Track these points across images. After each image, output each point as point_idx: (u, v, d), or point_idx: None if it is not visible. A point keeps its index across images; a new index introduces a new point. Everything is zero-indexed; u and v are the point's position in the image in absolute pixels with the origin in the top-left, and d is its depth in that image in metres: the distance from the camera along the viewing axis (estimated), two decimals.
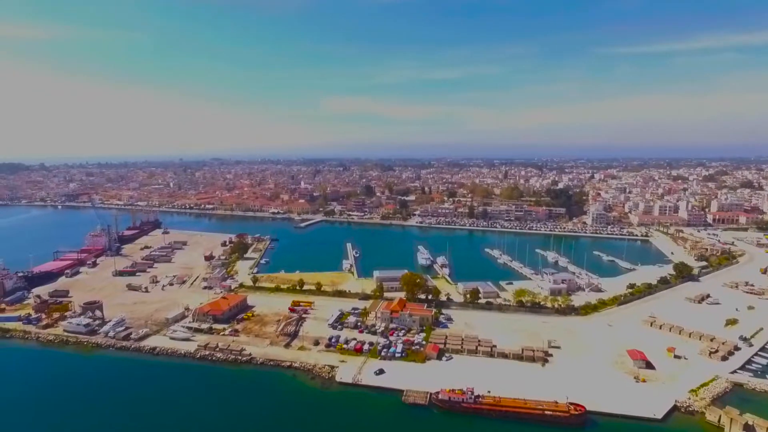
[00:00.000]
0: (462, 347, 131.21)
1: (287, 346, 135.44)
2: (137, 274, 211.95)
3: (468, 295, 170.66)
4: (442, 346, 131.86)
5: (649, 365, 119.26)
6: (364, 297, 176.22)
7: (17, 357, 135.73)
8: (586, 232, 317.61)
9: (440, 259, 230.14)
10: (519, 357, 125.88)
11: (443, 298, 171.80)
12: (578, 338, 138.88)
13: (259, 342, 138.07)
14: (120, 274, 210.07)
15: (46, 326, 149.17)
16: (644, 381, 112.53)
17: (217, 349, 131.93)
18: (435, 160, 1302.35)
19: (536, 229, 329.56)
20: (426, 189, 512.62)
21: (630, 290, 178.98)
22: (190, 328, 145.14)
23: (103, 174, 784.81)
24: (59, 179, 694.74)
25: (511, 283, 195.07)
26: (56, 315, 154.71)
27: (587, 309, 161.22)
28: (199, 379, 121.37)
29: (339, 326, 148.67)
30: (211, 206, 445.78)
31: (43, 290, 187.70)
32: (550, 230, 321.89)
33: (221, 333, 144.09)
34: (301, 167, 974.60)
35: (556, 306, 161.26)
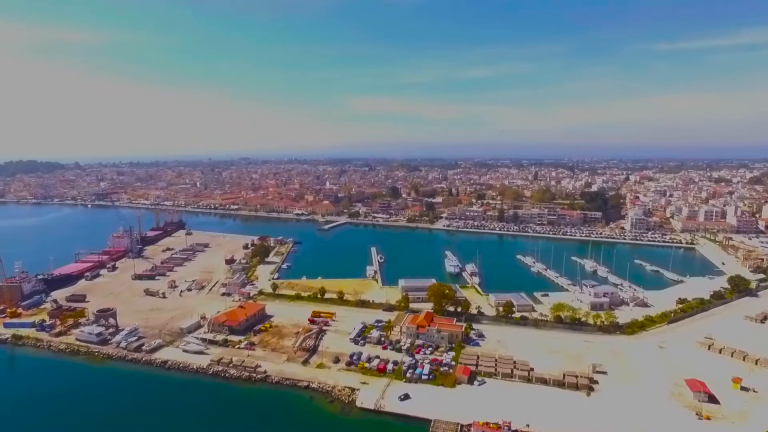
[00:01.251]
0: (496, 370, 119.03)
1: (305, 363, 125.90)
2: (157, 277, 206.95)
3: (501, 309, 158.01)
4: (473, 368, 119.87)
5: (713, 399, 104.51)
6: (389, 308, 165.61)
7: (26, 366, 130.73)
8: (624, 239, 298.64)
9: (469, 267, 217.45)
10: (560, 383, 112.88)
11: (473, 310, 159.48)
12: (626, 362, 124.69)
13: (275, 357, 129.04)
14: (139, 277, 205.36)
15: (59, 334, 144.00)
16: (708, 418, 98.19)
17: (231, 364, 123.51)
18: (462, 160, 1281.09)
19: (571, 235, 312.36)
20: (453, 190, 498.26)
21: (680, 306, 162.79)
22: (204, 340, 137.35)
23: (134, 173, 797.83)
24: (91, 178, 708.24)
25: (547, 295, 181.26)
26: (70, 322, 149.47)
27: (634, 327, 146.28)
28: (209, 397, 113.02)
29: (361, 341, 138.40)
30: (235, 207, 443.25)
31: (61, 294, 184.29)
32: (586, 236, 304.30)
33: (237, 346, 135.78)
34: (326, 167, 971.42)
35: (598, 323, 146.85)
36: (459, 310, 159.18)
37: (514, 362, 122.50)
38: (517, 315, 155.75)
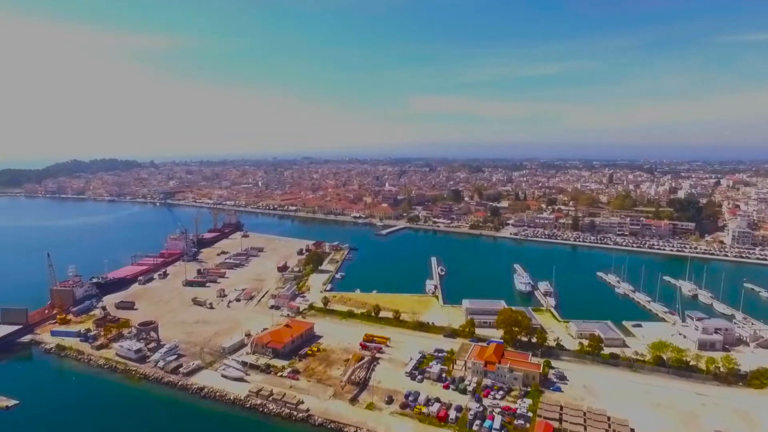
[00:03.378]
0: (585, 429, 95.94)
1: (354, 400, 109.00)
2: (207, 284, 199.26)
3: (586, 343, 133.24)
4: (556, 423, 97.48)
5: None
6: (451, 334, 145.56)
7: (62, 382, 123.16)
8: (726, 255, 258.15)
9: (543, 285, 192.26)
10: None
11: (551, 342, 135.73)
12: (760, 430, 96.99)
13: (321, 391, 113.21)
14: (190, 284, 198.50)
15: (100, 347, 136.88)
16: None
17: (271, 397, 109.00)
18: (527, 160, 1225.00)
19: (658, 248, 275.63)
20: (520, 194, 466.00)
21: None
22: (245, 364, 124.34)
23: (201, 172, 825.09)
24: (162, 176, 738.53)
25: (640, 326, 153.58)
26: (112, 334, 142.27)
27: (762, 378, 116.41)
28: None
29: (419, 375, 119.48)
30: (294, 208, 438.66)
31: (112, 299, 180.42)
32: (678, 250, 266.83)
33: (279, 373, 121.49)
34: (386, 167, 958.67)
35: (712, 369, 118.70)
36: (534, 340, 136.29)
37: (609, 419, 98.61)
38: (605, 351, 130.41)
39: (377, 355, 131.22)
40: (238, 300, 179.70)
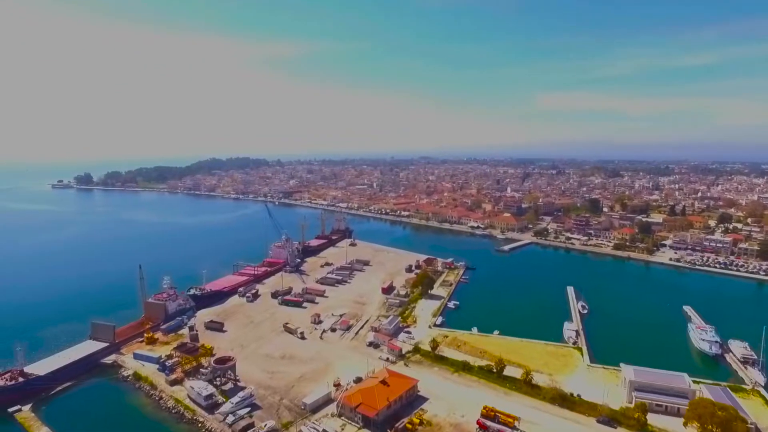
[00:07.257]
0: None
1: None
2: (304, 304, 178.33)
3: None
4: None
5: None
6: (608, 419, 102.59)
7: (126, 426, 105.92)
8: None
9: (738, 347, 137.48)
10: None
11: None
12: None
13: None
14: (285, 303, 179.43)
15: (174, 382, 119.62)
16: None
17: None
18: (673, 163, 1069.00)
19: None
20: (675, 207, 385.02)
21: None
22: None
23: (321, 171, 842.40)
24: (285, 175, 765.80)
25: None
26: (190, 366, 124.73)
27: None
28: None
29: None
30: (406, 213, 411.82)
31: (207, 314, 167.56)
32: None
33: None
34: (507, 168, 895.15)
35: None
36: None
37: None
38: None
39: None
40: (333, 330, 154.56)
